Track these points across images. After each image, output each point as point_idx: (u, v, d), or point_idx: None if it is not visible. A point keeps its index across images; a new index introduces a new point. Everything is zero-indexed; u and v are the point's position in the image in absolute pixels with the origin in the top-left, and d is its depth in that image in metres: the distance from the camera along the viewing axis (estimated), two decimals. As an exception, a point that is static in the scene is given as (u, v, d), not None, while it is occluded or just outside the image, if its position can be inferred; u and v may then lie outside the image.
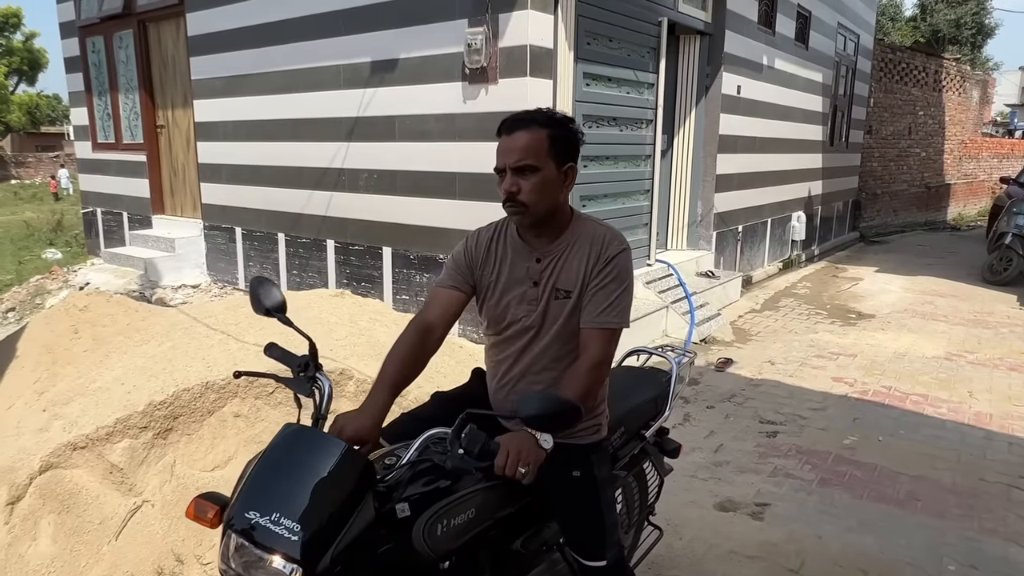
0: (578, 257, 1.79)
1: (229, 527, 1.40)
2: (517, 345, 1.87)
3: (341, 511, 1.40)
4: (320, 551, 1.36)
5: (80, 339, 3.99)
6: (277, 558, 1.33)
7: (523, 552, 1.92)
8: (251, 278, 1.85)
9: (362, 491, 1.45)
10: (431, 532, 1.54)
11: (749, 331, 6.32)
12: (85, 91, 8.64)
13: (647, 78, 6.17)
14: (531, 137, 1.71)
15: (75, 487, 2.86)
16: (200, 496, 1.53)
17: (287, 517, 1.35)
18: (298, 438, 1.51)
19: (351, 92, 5.75)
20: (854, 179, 11.88)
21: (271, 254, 6.77)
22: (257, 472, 1.46)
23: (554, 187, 1.75)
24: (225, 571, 1.41)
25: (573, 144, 1.78)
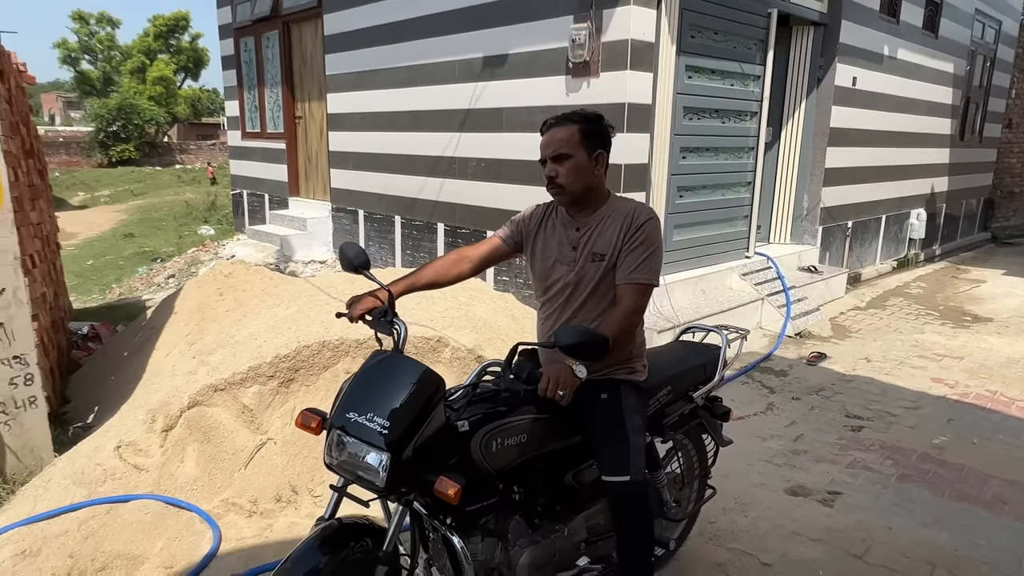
0: (612, 227, 2.10)
1: (331, 426, 1.75)
2: (558, 302, 2.18)
3: (419, 415, 1.73)
4: (404, 444, 1.68)
5: (224, 300, 4.65)
6: (370, 447, 1.66)
7: (576, 486, 2.20)
8: (341, 243, 2.23)
9: (435, 401, 1.78)
10: (487, 446, 1.88)
11: (849, 328, 6.15)
12: (237, 86, 9.67)
13: (753, 70, 6.13)
14: (564, 131, 2.06)
15: (215, 422, 3.42)
16: (306, 409, 1.91)
17: (379, 417, 1.68)
18: (384, 359, 1.85)
19: (464, 86, 6.15)
20: (988, 176, 10.97)
21: (388, 235, 7.35)
22: (353, 385, 1.81)
23: (587, 170, 2.07)
24: (329, 463, 1.77)
25: (602, 135, 2.10)
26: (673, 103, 5.47)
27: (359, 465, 1.70)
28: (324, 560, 1.66)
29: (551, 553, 2.08)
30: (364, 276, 2.10)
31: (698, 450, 2.76)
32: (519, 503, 2.08)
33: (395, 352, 1.88)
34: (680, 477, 2.70)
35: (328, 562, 1.66)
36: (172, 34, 37.07)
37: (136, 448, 3.27)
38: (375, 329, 2.04)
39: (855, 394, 4.64)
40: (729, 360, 2.72)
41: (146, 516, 2.97)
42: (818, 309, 6.22)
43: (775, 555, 2.88)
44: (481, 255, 2.30)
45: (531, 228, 2.25)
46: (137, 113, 25.06)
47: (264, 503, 3.24)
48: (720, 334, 2.81)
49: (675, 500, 2.58)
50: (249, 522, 3.11)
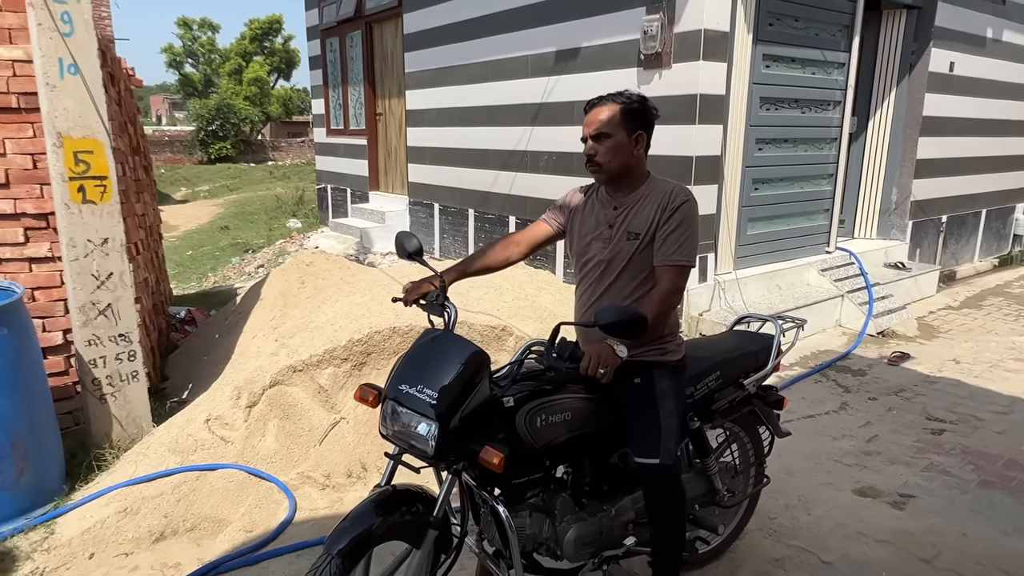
0: (649, 207, 2.13)
1: (385, 397, 1.89)
2: (592, 278, 2.22)
3: (465, 387, 1.83)
4: (451, 414, 1.78)
5: (305, 288, 4.92)
6: (420, 416, 1.79)
7: (621, 466, 2.25)
8: (397, 232, 2.34)
9: (480, 375, 1.89)
10: (531, 422, 1.97)
11: (938, 328, 5.83)
12: (323, 85, 10.12)
13: (837, 57, 5.90)
14: (606, 111, 2.10)
15: (293, 400, 3.65)
16: (364, 384, 2.05)
17: (428, 388, 1.80)
18: (435, 336, 1.97)
19: (537, 80, 6.22)
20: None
21: (462, 228, 7.53)
22: (405, 360, 1.93)
23: (626, 150, 2.11)
24: (384, 433, 1.91)
25: (643, 116, 2.13)
26: (749, 93, 5.35)
27: (411, 434, 1.82)
28: (378, 521, 1.78)
29: (597, 531, 2.14)
30: (418, 263, 2.20)
31: (752, 439, 2.74)
32: (566, 482, 2.16)
33: (445, 330, 1.99)
34: (733, 466, 2.69)
35: (381, 523, 1.78)
36: (266, 36, 38.95)
37: (223, 422, 3.54)
38: (428, 312, 2.15)
39: (939, 396, 4.42)
40: (784, 349, 2.67)
41: (230, 484, 3.22)
42: (904, 308, 5.93)
43: (837, 554, 2.82)
44: (529, 239, 2.37)
45: (573, 208, 2.32)
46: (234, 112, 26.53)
47: (336, 477, 3.44)
48: (774, 323, 2.76)
49: (728, 488, 2.57)
50: (322, 494, 3.32)
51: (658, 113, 2.18)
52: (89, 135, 3.33)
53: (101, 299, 3.46)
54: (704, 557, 2.68)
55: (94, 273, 3.42)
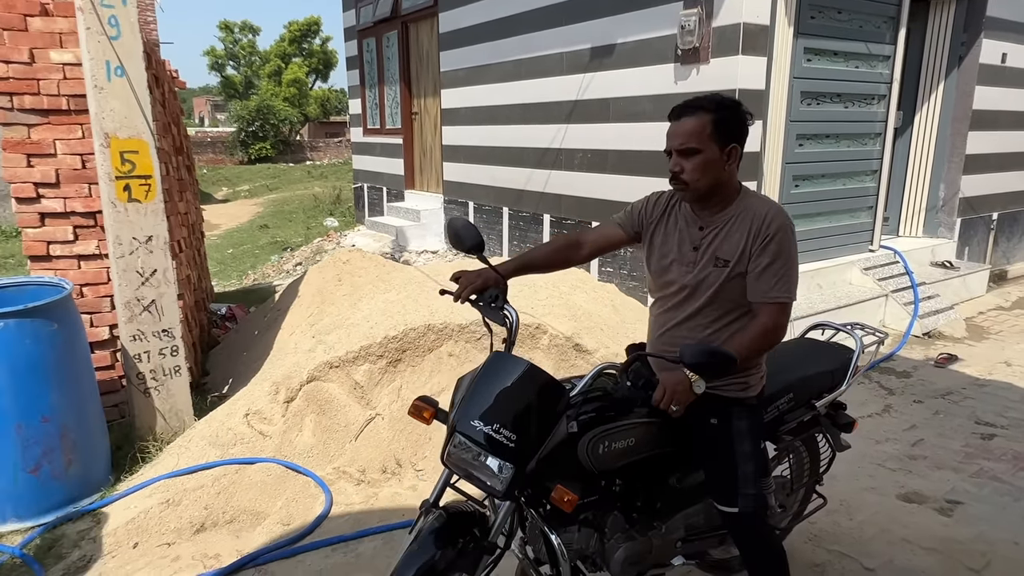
0: (740, 230, 1.91)
1: (455, 430, 1.74)
2: (673, 302, 2.03)
3: (544, 429, 1.74)
4: (529, 457, 1.71)
5: (342, 285, 4.98)
6: (497, 460, 1.69)
7: (678, 488, 2.15)
8: (451, 217, 2.10)
9: (561, 415, 1.79)
10: (593, 449, 1.86)
11: (988, 329, 5.63)
12: (360, 85, 10.24)
13: (882, 50, 5.73)
14: (695, 122, 1.86)
15: (330, 396, 3.70)
16: (418, 399, 1.95)
17: (506, 429, 1.68)
18: (511, 364, 1.81)
19: (571, 77, 6.19)
20: None
21: (496, 226, 7.53)
22: (477, 388, 1.78)
23: (716, 166, 1.88)
24: (450, 465, 1.80)
25: (737, 126, 1.88)
26: (789, 88, 5.24)
27: (480, 470, 1.73)
28: (439, 554, 1.72)
29: (647, 550, 2.06)
30: (477, 259, 2.02)
31: (811, 455, 2.59)
32: (619, 496, 2.04)
33: (524, 361, 1.84)
34: (788, 482, 2.56)
35: (442, 556, 1.73)
36: (305, 38, 39.56)
37: (262, 416, 3.61)
38: (484, 314, 1.98)
39: (989, 400, 4.26)
40: (861, 366, 2.51)
41: (268, 477, 3.27)
42: (952, 308, 5.75)
43: (880, 560, 2.74)
44: (597, 241, 2.17)
45: (653, 218, 2.09)
46: (273, 113, 27.01)
47: (371, 473, 3.48)
48: (853, 336, 2.58)
49: (780, 505, 2.47)
50: (357, 489, 3.36)
51: (752, 119, 1.95)
52: (135, 135, 3.43)
53: (145, 295, 3.55)
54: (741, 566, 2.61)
55: (139, 270, 3.52)
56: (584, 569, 2.06)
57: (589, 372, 1.93)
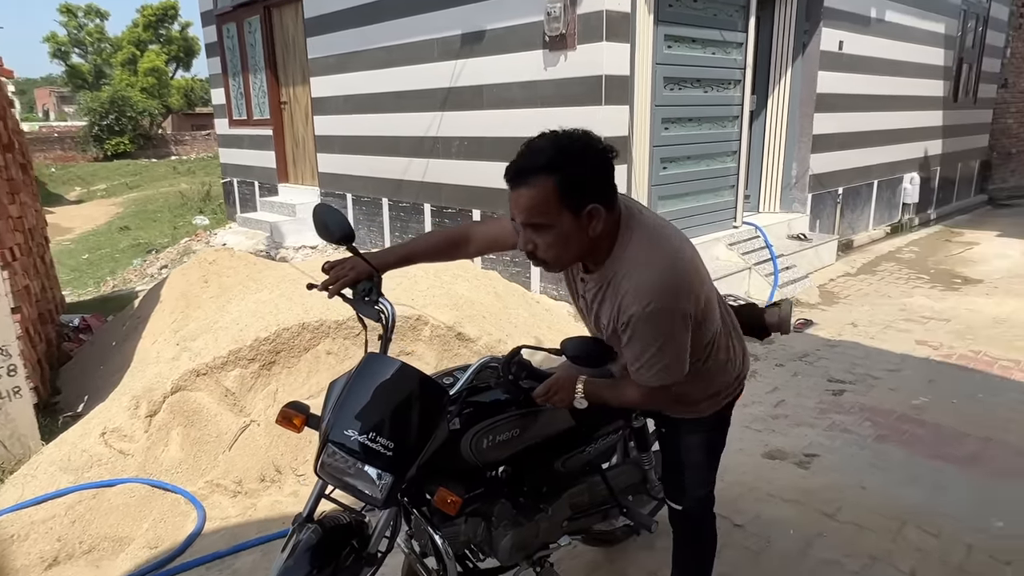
0: (611, 298, 1.64)
1: (329, 440, 1.63)
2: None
3: (425, 433, 1.66)
4: (409, 464, 1.63)
5: (208, 287, 4.69)
6: (374, 469, 1.60)
7: (563, 471, 2.16)
8: (316, 205, 1.91)
9: (442, 416, 1.72)
10: (477, 444, 1.82)
11: (838, 294, 6.16)
12: (222, 73, 9.63)
13: (735, 37, 6.08)
14: (535, 193, 1.49)
15: (198, 406, 3.47)
16: (287, 405, 1.83)
17: (382, 437, 1.59)
18: (383, 366, 1.71)
19: (444, 64, 6.11)
20: (983, 137, 10.87)
21: (377, 217, 7.36)
22: (349, 394, 1.67)
23: (575, 237, 1.54)
24: (323, 476, 1.69)
25: (592, 180, 1.53)
26: (653, 74, 5.44)
27: (357, 479, 1.64)
28: (315, 572, 1.63)
29: (534, 534, 2.06)
30: (347, 251, 1.87)
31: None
32: (505, 483, 2.00)
33: (394, 358, 1.76)
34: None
35: (319, 574, 1.63)
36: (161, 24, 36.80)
37: (121, 434, 3.33)
38: (357, 310, 1.85)
39: (839, 359, 4.66)
40: None
41: (132, 499, 3.03)
42: (807, 276, 6.23)
43: (748, 516, 2.92)
44: (486, 238, 1.96)
45: None
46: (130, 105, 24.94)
47: (248, 483, 3.30)
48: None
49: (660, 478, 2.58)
50: (234, 502, 3.18)
51: (616, 154, 1.57)
52: (-56, 131, 3.03)
53: (-29, 311, 3.17)
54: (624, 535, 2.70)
55: (-40, 283, 3.13)
56: (471, 557, 2.04)
57: (471, 366, 1.89)
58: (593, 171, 1.53)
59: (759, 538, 2.79)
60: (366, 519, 1.88)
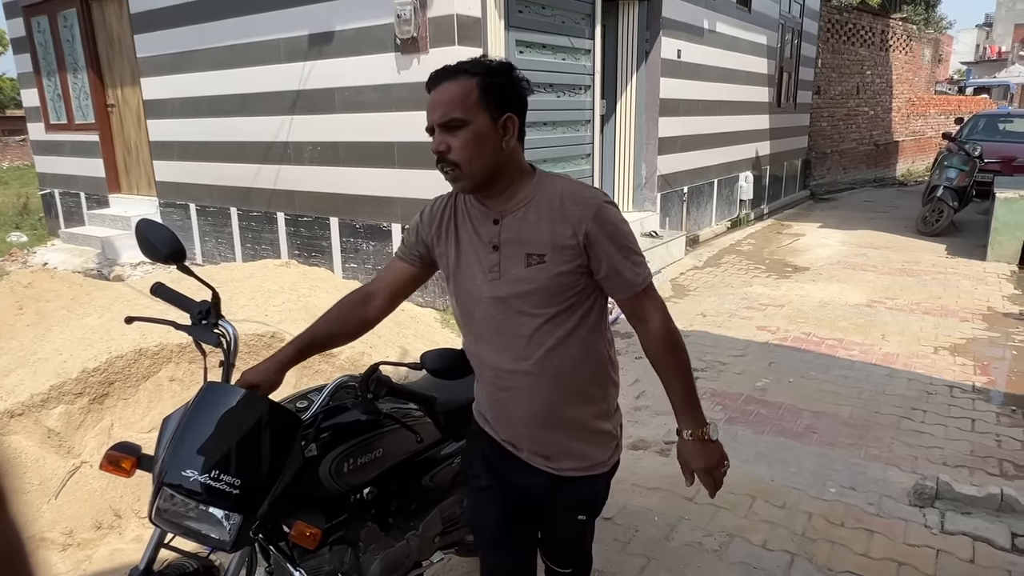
0: (548, 217, 1.53)
1: (164, 483, 1.47)
2: (491, 326, 1.60)
3: (273, 462, 1.52)
4: (258, 499, 1.49)
5: (24, 314, 4.13)
6: (220, 511, 1.45)
7: (432, 486, 2.09)
8: (138, 221, 1.72)
9: (295, 444, 1.58)
10: (337, 470, 1.70)
11: (688, 287, 6.57)
12: (34, 72, 8.60)
13: (584, 44, 6.30)
14: (458, 88, 1.48)
15: (14, 452, 3.03)
16: (112, 447, 1.61)
17: (226, 475, 1.45)
18: (224, 396, 1.56)
19: (292, 65, 5.83)
20: (803, 139, 12.12)
21: (225, 228, 6.88)
22: (186, 430, 1.52)
23: (490, 141, 1.49)
24: (160, 523, 1.53)
25: (512, 93, 1.53)
26: (506, 78, 5.50)
27: (201, 522, 1.49)
28: None
29: (405, 554, 1.98)
30: (177, 268, 1.70)
31: None
32: (371, 504, 1.89)
33: (232, 385, 1.61)
34: None
35: None
36: (-40, 15, 32.41)
37: (-87, 493, 2.84)
38: (193, 335, 1.71)
39: (691, 347, 4.79)
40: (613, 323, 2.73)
41: (-70, 568, 2.59)
42: (659, 272, 6.58)
43: (616, 508, 3.01)
44: (388, 287, 1.75)
45: (431, 231, 1.66)
46: (-78, 107, 21.72)
47: (81, 533, 2.94)
48: None
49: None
50: (63, 556, 2.82)
51: (530, 87, 1.58)
52: None
53: None
54: None
55: None
56: None
57: (326, 387, 1.78)
58: (513, 87, 1.55)
59: (627, 528, 2.89)
60: (216, 563, 1.72)
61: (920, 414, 3.86)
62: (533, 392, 1.61)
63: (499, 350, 1.60)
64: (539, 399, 1.62)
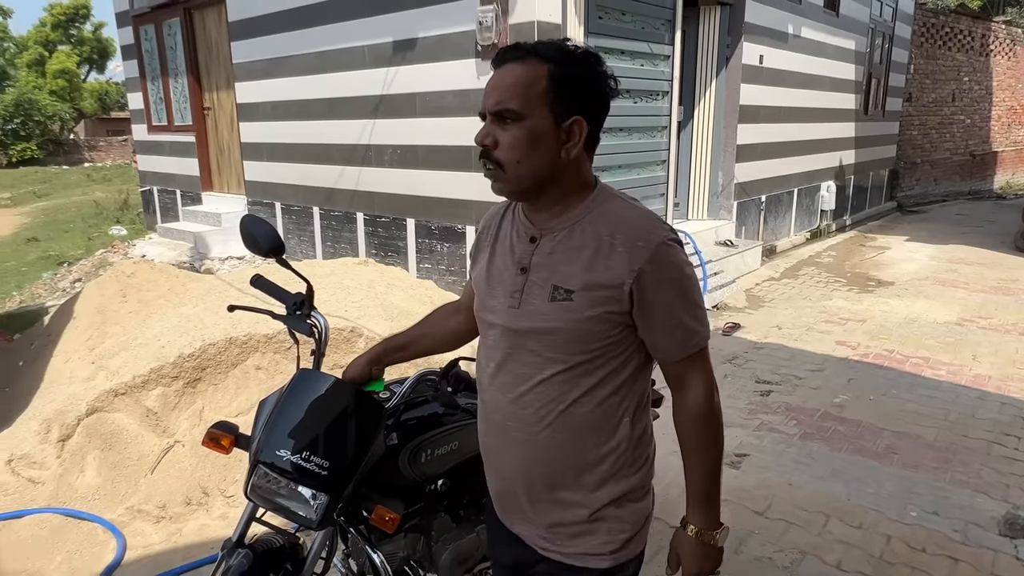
0: (592, 247, 1.26)
1: (260, 461, 1.57)
2: (497, 356, 1.37)
3: (361, 450, 1.60)
4: (345, 483, 1.57)
5: (127, 302, 4.45)
6: (308, 490, 1.54)
7: None
8: (243, 216, 1.82)
9: (378, 432, 1.66)
10: (415, 459, 1.78)
11: (763, 298, 6.41)
12: (140, 77, 9.21)
13: (663, 50, 6.25)
14: (523, 73, 1.22)
15: (116, 428, 3.28)
16: (214, 426, 1.75)
17: (316, 456, 1.53)
18: (312, 382, 1.65)
19: (376, 71, 6.04)
20: (891, 148, 11.59)
21: (307, 227, 7.18)
22: (281, 412, 1.62)
23: (545, 145, 1.23)
24: (254, 498, 1.62)
25: (589, 90, 1.26)
26: (584, 84, 5.52)
27: (291, 501, 1.58)
28: None
29: (475, 547, 2.02)
30: (276, 261, 1.79)
31: None
32: (445, 495, 1.95)
33: (327, 373, 1.70)
34: None
35: None
36: (72, 23, 34.88)
37: (30, 461, 3.12)
38: (288, 325, 1.80)
39: (766, 361, 4.83)
40: None
41: (42, 531, 2.84)
42: (734, 282, 6.45)
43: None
44: (468, 300, 1.60)
45: (480, 240, 1.46)
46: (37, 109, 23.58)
47: (173, 507, 3.14)
48: None
49: None
50: (157, 528, 3.02)
51: (617, 87, 1.31)
52: None
53: None
54: None
55: None
56: (412, 574, 1.99)
57: (408, 379, 1.85)
58: (592, 84, 1.26)
59: (695, 539, 2.85)
60: (300, 541, 1.82)
61: (1014, 440, 3.65)
62: (528, 447, 1.35)
63: (500, 388, 1.36)
64: (532, 457, 1.35)
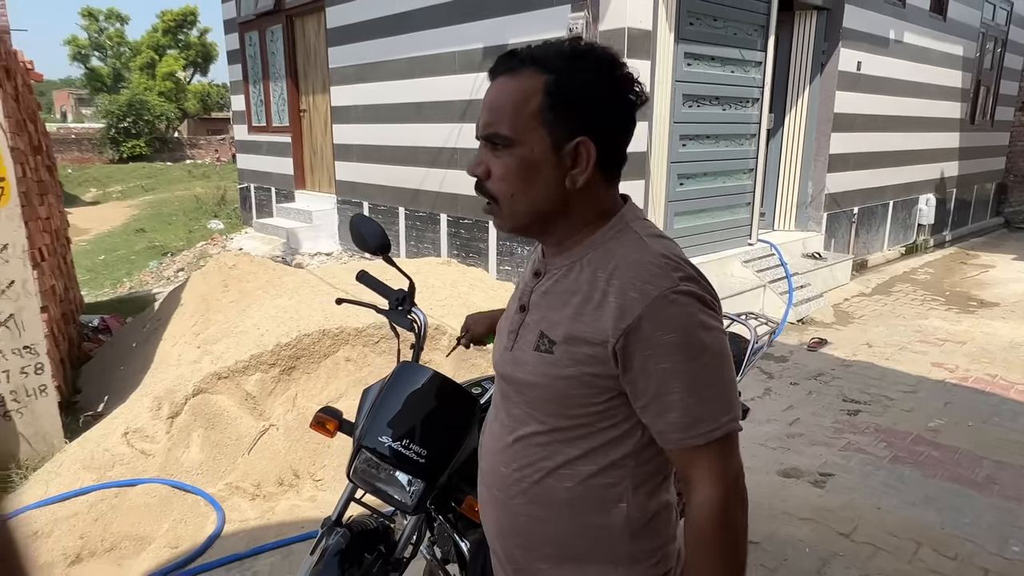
0: (584, 291, 1.02)
1: (363, 446, 1.66)
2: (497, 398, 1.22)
3: (457, 441, 1.68)
4: (439, 470, 1.65)
5: (228, 292, 4.74)
6: (406, 475, 1.63)
7: None
8: (353, 216, 1.91)
9: (470, 421, 1.74)
10: None
11: (852, 314, 6.16)
12: (243, 80, 9.76)
13: (754, 56, 6.12)
14: (515, 89, 1.02)
15: (218, 409, 3.51)
16: (321, 411, 1.88)
17: (415, 444, 1.62)
18: (417, 375, 1.75)
19: (464, 76, 6.19)
20: (1000, 160, 10.88)
21: (392, 226, 7.42)
22: (384, 401, 1.71)
23: (543, 174, 1.01)
24: (356, 480, 1.73)
25: (598, 104, 1.00)
26: (672, 91, 5.49)
27: (389, 485, 1.68)
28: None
29: None
30: (383, 259, 1.89)
31: None
32: None
33: (430, 371, 1.78)
34: None
35: None
36: (180, 29, 37.19)
37: (143, 434, 3.37)
38: (390, 319, 1.92)
39: (854, 379, 4.66)
40: (754, 357, 2.53)
41: (152, 499, 3.06)
42: (821, 295, 6.23)
43: (763, 534, 2.92)
44: None
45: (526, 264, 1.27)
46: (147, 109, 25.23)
47: (267, 486, 3.33)
48: (747, 325, 2.60)
49: None
50: (252, 504, 3.21)
51: (643, 95, 1.04)
52: (-17, 133, 3.10)
53: (3, 309, 3.23)
54: None
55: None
56: None
57: None
58: (604, 96, 1.00)
59: (775, 556, 2.80)
60: (393, 524, 1.91)
61: None
62: (503, 511, 1.16)
63: (491, 434, 1.22)
64: (507, 525, 1.16)
